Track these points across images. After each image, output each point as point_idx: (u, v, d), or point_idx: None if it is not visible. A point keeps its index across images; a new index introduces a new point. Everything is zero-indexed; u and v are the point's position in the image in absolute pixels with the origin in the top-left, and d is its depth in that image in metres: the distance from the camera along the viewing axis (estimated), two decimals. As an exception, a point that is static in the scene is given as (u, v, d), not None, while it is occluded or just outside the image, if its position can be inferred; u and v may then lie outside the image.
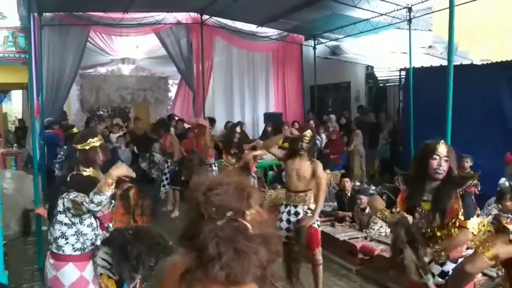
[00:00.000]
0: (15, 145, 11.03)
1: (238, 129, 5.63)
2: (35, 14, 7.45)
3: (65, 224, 2.73)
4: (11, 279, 3.98)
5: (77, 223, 2.74)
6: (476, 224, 2.42)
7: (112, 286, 2.73)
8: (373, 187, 7.09)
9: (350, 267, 4.86)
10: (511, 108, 6.90)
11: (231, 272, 1.17)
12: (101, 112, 13.54)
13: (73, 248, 2.72)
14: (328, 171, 7.17)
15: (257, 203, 1.29)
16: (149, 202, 3.87)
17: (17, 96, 13.66)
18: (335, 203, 6.46)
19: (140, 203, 3.62)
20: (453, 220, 2.43)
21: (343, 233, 5.38)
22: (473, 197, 2.69)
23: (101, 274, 2.68)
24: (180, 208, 6.88)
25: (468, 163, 6.14)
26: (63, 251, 2.71)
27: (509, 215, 4.19)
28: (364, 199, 5.49)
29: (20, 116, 13.31)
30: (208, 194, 1.23)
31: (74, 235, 2.72)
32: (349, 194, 6.11)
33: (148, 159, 7.61)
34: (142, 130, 9.58)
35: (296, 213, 3.95)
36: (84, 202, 2.58)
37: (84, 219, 2.76)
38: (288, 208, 4.00)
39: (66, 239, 2.72)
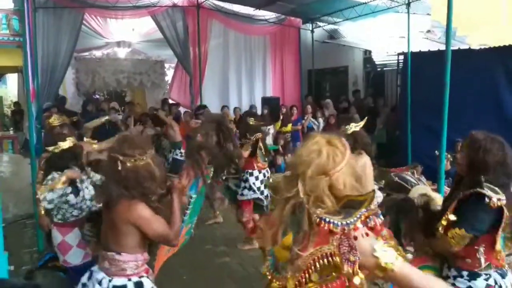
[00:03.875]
0: (11, 128, 11.00)
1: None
2: (29, -4, 7.33)
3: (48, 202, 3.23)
4: (11, 261, 4.02)
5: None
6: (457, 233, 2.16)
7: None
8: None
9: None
10: (508, 93, 6.93)
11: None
12: (97, 96, 13.47)
13: (57, 218, 3.19)
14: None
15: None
16: None
17: (12, 79, 13.56)
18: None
19: None
20: (439, 224, 2.21)
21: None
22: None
23: (89, 241, 2.95)
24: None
25: (462, 147, 6.18)
26: (52, 219, 3.24)
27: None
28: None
29: (15, 100, 13.23)
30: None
31: (54, 208, 3.15)
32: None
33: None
34: (138, 115, 9.53)
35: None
36: (41, 199, 3.04)
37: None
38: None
39: (52, 210, 3.20)
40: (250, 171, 4.86)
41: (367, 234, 1.42)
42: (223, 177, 4.42)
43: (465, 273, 2.26)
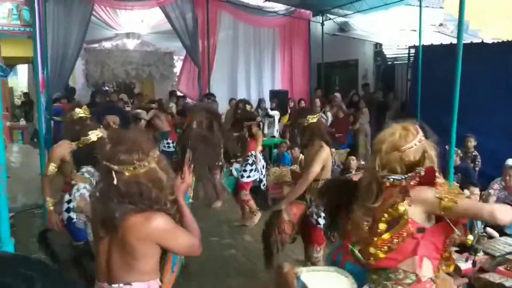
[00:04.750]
0: (22, 119, 11.10)
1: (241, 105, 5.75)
2: (39, -14, 7.34)
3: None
4: (18, 250, 4.06)
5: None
6: None
7: None
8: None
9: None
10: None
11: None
12: (107, 88, 13.52)
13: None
14: (333, 149, 7.16)
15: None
16: None
17: (23, 70, 13.65)
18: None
19: None
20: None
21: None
22: None
23: None
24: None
25: (471, 142, 6.10)
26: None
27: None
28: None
29: (26, 90, 13.33)
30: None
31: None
32: (353, 173, 6.11)
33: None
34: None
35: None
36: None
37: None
38: None
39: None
40: (253, 153, 5.37)
41: (420, 184, 1.82)
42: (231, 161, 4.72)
43: None
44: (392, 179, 1.85)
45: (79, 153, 3.09)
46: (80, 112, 3.60)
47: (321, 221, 3.56)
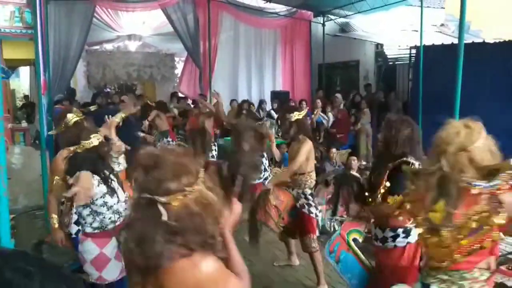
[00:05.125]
0: (24, 121, 11.13)
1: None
2: (41, -12, 7.37)
3: (80, 205, 2.79)
4: (20, 252, 4.06)
5: (90, 204, 2.78)
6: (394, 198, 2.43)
7: None
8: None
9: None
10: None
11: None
12: (109, 89, 13.54)
13: (92, 227, 2.79)
14: (334, 150, 7.15)
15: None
16: None
17: (25, 72, 13.70)
18: (340, 182, 6.47)
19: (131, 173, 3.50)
20: (378, 192, 2.65)
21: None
22: None
23: None
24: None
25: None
26: (84, 229, 2.83)
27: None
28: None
29: (28, 93, 13.37)
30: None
31: (89, 215, 2.79)
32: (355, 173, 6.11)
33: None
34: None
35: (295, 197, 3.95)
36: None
37: (96, 200, 2.77)
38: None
39: (84, 219, 2.81)
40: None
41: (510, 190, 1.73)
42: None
43: (400, 230, 2.70)
44: (479, 186, 1.74)
45: (77, 159, 2.81)
46: (73, 116, 3.32)
47: (313, 210, 3.84)
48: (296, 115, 3.87)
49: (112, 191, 2.81)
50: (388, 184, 2.62)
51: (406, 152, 2.71)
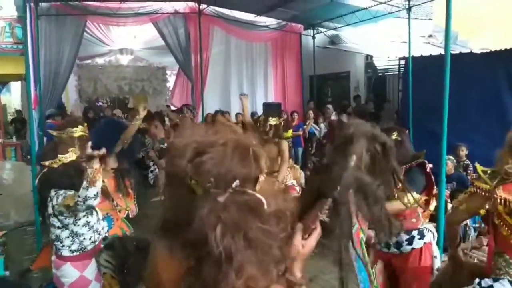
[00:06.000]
0: (14, 136, 11.05)
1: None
2: (32, 4, 7.40)
3: (58, 227, 2.62)
4: (11, 268, 4.01)
5: (71, 224, 2.62)
6: (411, 199, 2.42)
7: (116, 286, 2.56)
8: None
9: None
10: (509, 96, 6.89)
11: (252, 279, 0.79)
12: (101, 103, 13.52)
13: (70, 250, 2.63)
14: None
15: (266, 167, 0.91)
16: (131, 182, 3.62)
17: (16, 87, 13.65)
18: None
19: (121, 184, 3.47)
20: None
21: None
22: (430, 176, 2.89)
23: (104, 273, 2.58)
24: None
25: (463, 151, 6.16)
26: (61, 253, 2.64)
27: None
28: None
29: (19, 108, 13.30)
30: (197, 160, 0.85)
31: (68, 237, 2.63)
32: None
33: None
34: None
35: None
36: (78, 202, 2.42)
37: (79, 219, 2.63)
38: None
39: (61, 241, 2.63)
40: None
41: None
42: None
43: (415, 232, 2.72)
44: None
45: (53, 174, 2.62)
46: (81, 129, 3.14)
47: None
48: (273, 121, 4.60)
49: (92, 209, 2.63)
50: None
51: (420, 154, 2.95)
